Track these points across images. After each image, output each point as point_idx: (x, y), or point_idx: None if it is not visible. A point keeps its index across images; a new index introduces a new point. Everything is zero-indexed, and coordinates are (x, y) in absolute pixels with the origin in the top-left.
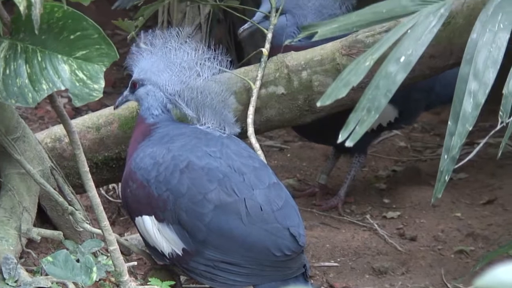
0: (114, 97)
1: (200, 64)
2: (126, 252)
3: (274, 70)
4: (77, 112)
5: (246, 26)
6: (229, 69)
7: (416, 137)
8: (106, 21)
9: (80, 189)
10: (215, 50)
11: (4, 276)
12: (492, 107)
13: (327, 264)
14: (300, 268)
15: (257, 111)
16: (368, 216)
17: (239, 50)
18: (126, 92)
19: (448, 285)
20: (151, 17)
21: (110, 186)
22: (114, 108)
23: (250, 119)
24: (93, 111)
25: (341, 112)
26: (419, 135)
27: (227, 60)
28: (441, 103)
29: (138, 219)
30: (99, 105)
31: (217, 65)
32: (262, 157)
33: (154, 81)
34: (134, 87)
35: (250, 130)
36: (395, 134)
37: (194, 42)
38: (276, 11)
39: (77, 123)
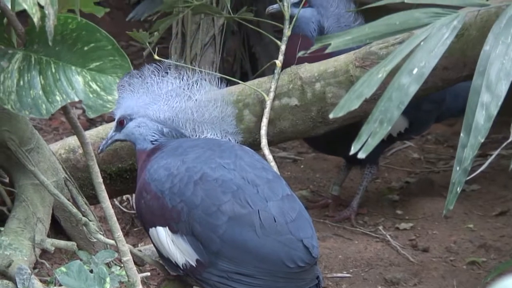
0: None
1: (188, 88)
2: (139, 262)
3: (288, 82)
4: (91, 123)
5: (275, 6)
6: (228, 83)
7: (429, 148)
8: (120, 32)
9: (93, 200)
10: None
11: (18, 286)
12: (505, 119)
13: (339, 275)
14: (313, 280)
15: (270, 122)
16: (381, 227)
17: (253, 62)
18: (111, 133)
19: None
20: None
21: (124, 197)
22: (99, 153)
23: (263, 131)
24: (107, 122)
25: (351, 124)
26: (433, 147)
27: (217, 79)
28: (452, 115)
29: (152, 230)
30: None
31: (207, 85)
32: (275, 168)
33: (143, 113)
34: (122, 124)
35: (264, 142)
36: (409, 145)
37: (176, 71)
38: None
39: (91, 134)
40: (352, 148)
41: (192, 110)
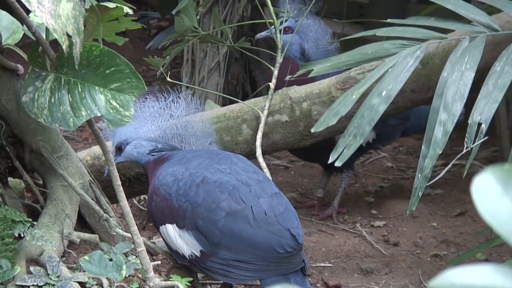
0: None
1: (168, 107)
2: (153, 252)
3: (280, 101)
4: None
5: (263, 33)
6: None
7: (401, 158)
8: (142, 58)
9: (114, 199)
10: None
11: (48, 272)
12: (465, 134)
13: (322, 264)
14: (300, 263)
15: (264, 135)
16: (358, 225)
17: (253, 84)
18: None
19: (425, 284)
20: (178, 56)
21: (141, 197)
22: (105, 176)
23: (258, 142)
24: None
25: (326, 140)
26: (404, 157)
27: (190, 97)
28: (415, 132)
29: (162, 228)
30: None
31: (182, 102)
32: (268, 174)
33: (136, 137)
34: (120, 150)
35: (258, 152)
36: (383, 156)
37: (153, 95)
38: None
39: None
40: (330, 157)
41: (177, 125)
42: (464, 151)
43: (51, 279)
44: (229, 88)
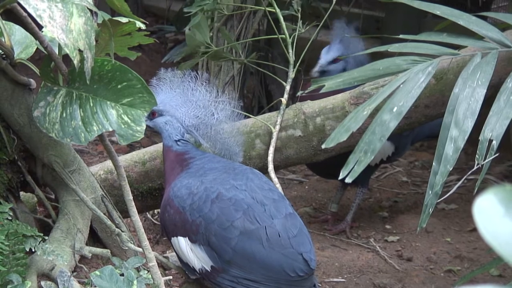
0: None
1: (214, 105)
2: (166, 267)
3: (293, 116)
4: (131, 148)
5: (316, 68)
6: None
7: (416, 173)
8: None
9: (127, 214)
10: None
11: (59, 286)
12: None
13: (335, 280)
14: (311, 287)
15: (278, 150)
16: (372, 240)
17: (269, 98)
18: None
19: None
20: (193, 70)
21: (155, 211)
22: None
23: (270, 157)
24: (144, 147)
25: (343, 154)
26: (419, 172)
27: (239, 106)
28: (420, 140)
29: (174, 239)
30: (150, 142)
31: (230, 108)
32: (280, 189)
33: (173, 113)
34: (153, 115)
35: (270, 167)
36: (399, 170)
37: (209, 85)
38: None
39: (126, 158)
40: (341, 173)
41: (212, 127)
42: (475, 168)
43: None
44: (245, 102)
